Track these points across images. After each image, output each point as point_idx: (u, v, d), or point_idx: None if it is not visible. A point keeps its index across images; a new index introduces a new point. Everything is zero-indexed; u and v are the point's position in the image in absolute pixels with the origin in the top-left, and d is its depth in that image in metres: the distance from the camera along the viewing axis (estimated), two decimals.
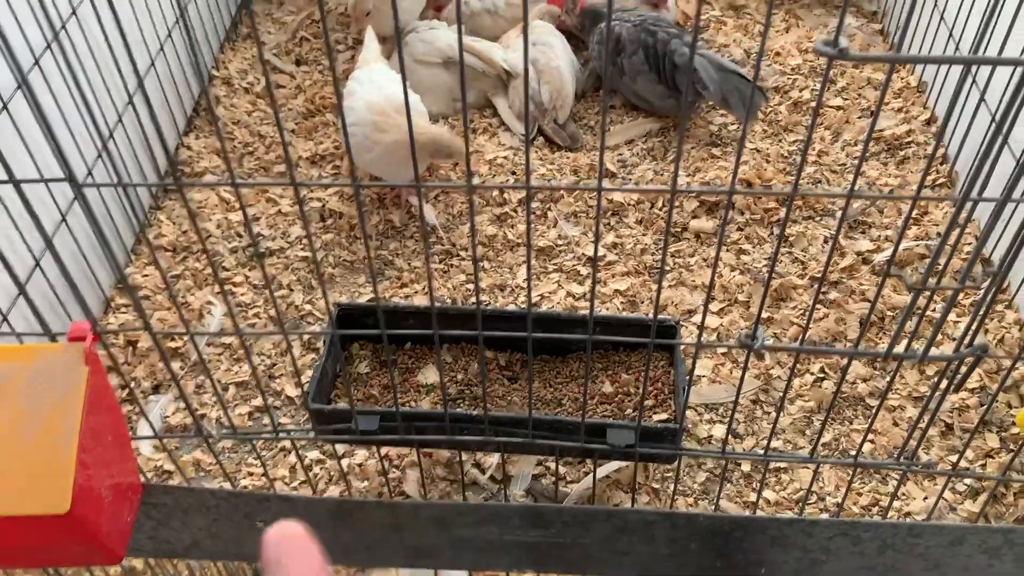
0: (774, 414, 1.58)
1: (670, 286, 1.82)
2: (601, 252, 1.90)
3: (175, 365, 1.70)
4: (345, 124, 0.78)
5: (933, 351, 1.63)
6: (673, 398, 1.36)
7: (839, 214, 1.93)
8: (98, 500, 1.13)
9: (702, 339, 1.71)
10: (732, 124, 2.21)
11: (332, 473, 1.51)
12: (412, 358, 1.44)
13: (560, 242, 1.92)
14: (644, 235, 1.93)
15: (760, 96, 2.08)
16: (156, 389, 1.65)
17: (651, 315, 1.27)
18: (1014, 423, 1.53)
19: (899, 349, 1.06)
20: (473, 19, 2.42)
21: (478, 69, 2.24)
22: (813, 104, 2.20)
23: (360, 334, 1.40)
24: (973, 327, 1.11)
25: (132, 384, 1.65)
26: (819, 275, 1.78)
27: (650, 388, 1.36)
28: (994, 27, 1.79)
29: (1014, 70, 1.79)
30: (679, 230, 1.94)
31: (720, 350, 1.70)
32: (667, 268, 1.86)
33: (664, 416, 1.34)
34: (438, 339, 0.96)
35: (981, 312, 1.09)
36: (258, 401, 1.63)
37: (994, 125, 0.85)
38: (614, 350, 1.46)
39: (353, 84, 2.00)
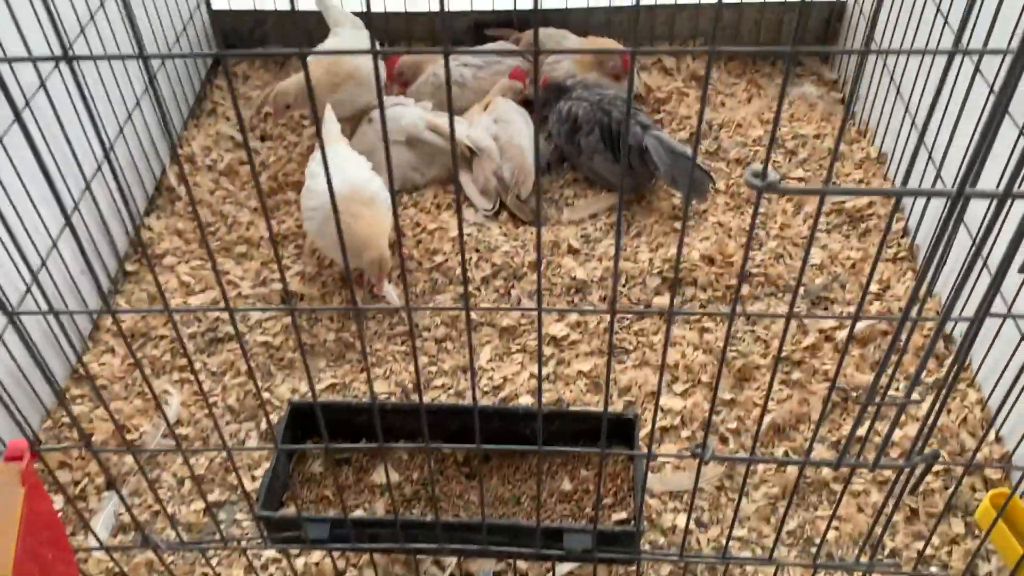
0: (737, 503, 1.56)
1: (634, 366, 1.81)
2: (564, 331, 1.89)
3: (130, 458, 1.66)
4: (272, 233, 0.77)
5: (896, 434, 1.60)
6: (633, 495, 1.34)
7: (800, 291, 1.93)
8: None
9: (662, 421, 1.69)
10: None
11: (287, 574, 1.47)
12: (367, 456, 1.42)
13: (524, 321, 1.91)
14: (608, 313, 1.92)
15: (706, 179, 2.10)
16: (110, 485, 1.61)
17: (613, 407, 1.24)
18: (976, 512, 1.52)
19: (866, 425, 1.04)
20: (440, 92, 2.43)
21: (442, 146, 2.24)
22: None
23: (304, 448, 1.37)
24: (926, 429, 1.10)
25: (85, 480, 1.62)
26: (782, 354, 1.77)
27: (609, 486, 1.34)
28: (948, 100, 1.82)
29: (970, 142, 1.79)
30: (643, 307, 1.93)
31: (684, 433, 1.69)
32: (630, 348, 1.85)
33: (624, 515, 1.32)
34: (384, 448, 0.94)
35: (935, 413, 1.08)
36: (214, 496, 1.59)
37: (949, 204, 0.85)
38: (574, 440, 1.44)
39: (314, 165, 2.00)
